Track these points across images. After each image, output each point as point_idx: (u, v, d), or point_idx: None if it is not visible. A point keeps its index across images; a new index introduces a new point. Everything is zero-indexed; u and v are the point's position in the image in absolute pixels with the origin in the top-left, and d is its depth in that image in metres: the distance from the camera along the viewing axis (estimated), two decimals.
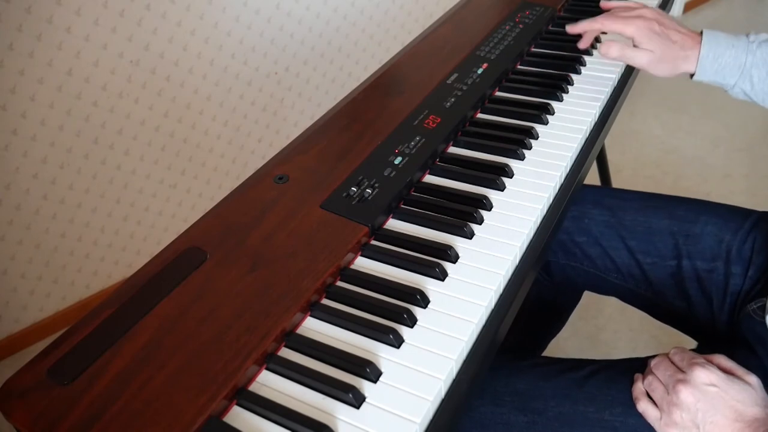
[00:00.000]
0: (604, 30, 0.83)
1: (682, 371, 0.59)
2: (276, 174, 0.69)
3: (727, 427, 0.55)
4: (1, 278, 1.40)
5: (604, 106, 0.83)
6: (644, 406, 0.61)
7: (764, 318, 0.67)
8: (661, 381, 0.60)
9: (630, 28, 0.79)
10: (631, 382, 0.64)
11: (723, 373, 0.58)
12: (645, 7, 0.81)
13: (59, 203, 1.40)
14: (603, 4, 0.89)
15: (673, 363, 0.62)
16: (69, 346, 0.52)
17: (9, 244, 1.37)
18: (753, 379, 0.59)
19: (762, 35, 0.77)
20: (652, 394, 0.61)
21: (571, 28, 0.86)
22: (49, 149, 1.33)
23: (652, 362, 0.63)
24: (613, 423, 0.62)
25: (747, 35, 0.77)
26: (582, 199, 0.87)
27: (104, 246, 1.53)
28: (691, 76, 0.80)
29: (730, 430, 0.55)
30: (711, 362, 0.60)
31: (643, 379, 0.63)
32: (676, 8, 2.79)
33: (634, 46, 0.80)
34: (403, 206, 0.67)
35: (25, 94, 1.24)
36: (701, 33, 0.78)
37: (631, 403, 0.63)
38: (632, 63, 0.81)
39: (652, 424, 0.60)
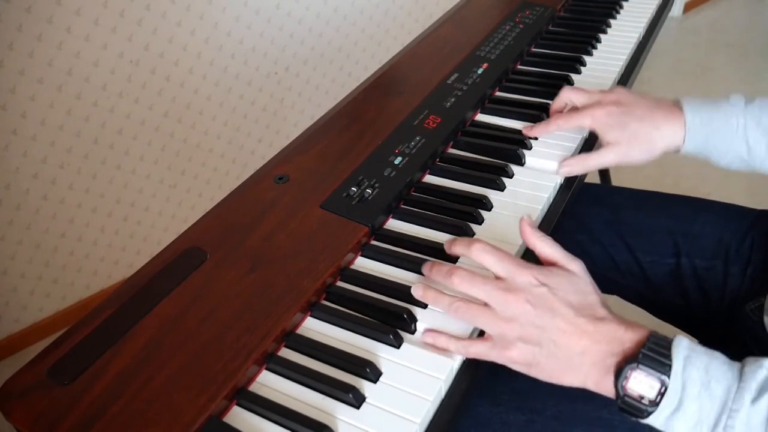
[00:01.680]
0: (561, 131, 0.75)
1: (497, 279, 0.52)
2: (276, 174, 0.69)
3: (570, 326, 0.49)
4: (1, 278, 1.40)
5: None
6: (468, 345, 0.52)
7: (761, 317, 0.67)
8: (470, 299, 0.52)
9: (587, 120, 0.71)
10: None
11: (543, 268, 0.53)
12: (601, 92, 0.73)
13: (59, 203, 1.40)
14: (552, 107, 0.78)
15: (469, 272, 0.53)
16: (69, 346, 0.52)
17: (9, 244, 1.37)
18: (576, 266, 0.54)
19: (739, 95, 0.69)
20: (473, 320, 0.53)
21: (528, 132, 0.76)
22: (49, 149, 1.33)
23: (451, 280, 0.53)
24: (612, 421, 0.62)
25: (727, 98, 0.69)
26: (582, 197, 0.87)
27: (104, 246, 1.53)
28: (676, 150, 0.70)
29: (575, 330, 0.49)
30: (518, 258, 0.54)
31: (446, 307, 0.54)
32: (676, 8, 2.79)
33: (600, 141, 0.72)
34: (403, 206, 0.67)
35: (25, 94, 1.25)
36: (675, 102, 0.69)
37: None
38: (600, 167, 0.72)
39: (486, 355, 0.52)
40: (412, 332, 0.54)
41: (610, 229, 0.84)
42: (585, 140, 0.77)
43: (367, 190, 0.66)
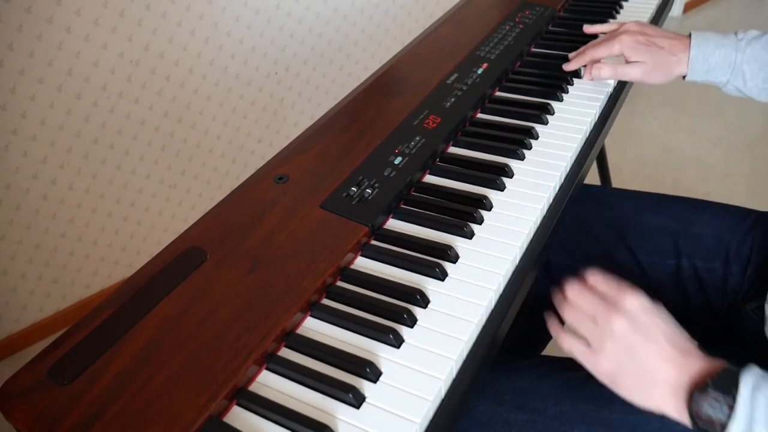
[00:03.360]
0: (595, 59, 0.84)
1: (609, 299, 0.57)
2: (276, 174, 0.69)
3: (661, 353, 0.53)
4: (1, 278, 1.40)
5: (604, 106, 0.83)
6: (570, 342, 0.57)
7: (762, 316, 0.67)
8: (586, 312, 0.57)
9: (616, 46, 0.81)
10: None
11: (649, 299, 0.57)
12: (628, 23, 0.84)
13: (59, 203, 1.40)
14: (586, 28, 0.91)
15: (595, 292, 0.58)
16: (69, 346, 0.52)
17: (9, 244, 1.37)
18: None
19: (750, 32, 0.78)
20: (578, 328, 0.57)
21: (567, 67, 0.87)
22: (49, 149, 1.33)
23: (570, 294, 0.59)
24: (613, 421, 0.62)
25: (735, 33, 0.78)
26: (582, 198, 0.87)
27: (104, 246, 1.53)
28: (684, 77, 0.81)
29: (664, 356, 0.53)
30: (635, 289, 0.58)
31: (564, 313, 0.59)
32: (676, 8, 2.79)
33: (626, 61, 0.82)
34: (403, 206, 0.67)
35: (25, 94, 1.24)
36: (689, 35, 0.79)
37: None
38: (626, 78, 0.83)
39: (580, 359, 0.57)
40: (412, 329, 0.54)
41: (610, 230, 0.84)
42: (585, 140, 0.77)
43: (367, 190, 0.66)
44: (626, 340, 0.54)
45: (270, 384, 0.51)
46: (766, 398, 0.47)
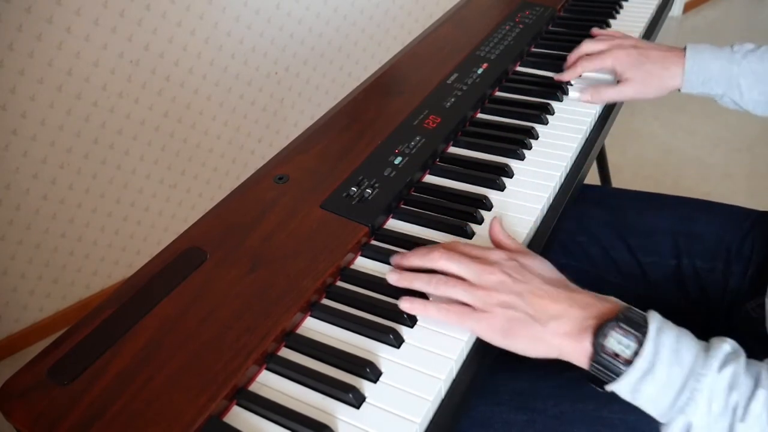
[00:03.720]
0: (586, 71, 0.84)
1: (474, 256, 0.54)
2: (276, 174, 0.69)
3: (546, 292, 0.52)
4: (1, 278, 1.40)
5: (604, 107, 0.83)
6: (445, 311, 0.53)
7: (762, 314, 0.67)
8: (454, 275, 0.54)
9: (608, 60, 0.80)
10: None
11: (512, 250, 0.57)
12: (622, 36, 0.84)
13: (59, 203, 1.40)
14: (593, 31, 0.91)
15: (448, 249, 0.55)
16: (69, 346, 0.52)
17: (9, 244, 1.37)
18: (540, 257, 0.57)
19: (746, 45, 0.77)
20: (451, 293, 0.53)
21: (559, 77, 0.85)
22: (49, 149, 1.33)
23: (411, 258, 0.56)
24: (612, 420, 0.62)
25: (731, 46, 0.77)
26: (583, 198, 0.87)
27: (104, 246, 1.53)
28: (679, 90, 0.80)
29: (551, 295, 0.52)
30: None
31: (424, 284, 0.55)
32: (676, 8, 2.79)
33: (618, 78, 0.81)
34: (403, 206, 0.67)
35: (25, 94, 1.25)
36: (684, 48, 0.78)
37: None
38: (620, 99, 0.82)
39: (463, 324, 0.53)
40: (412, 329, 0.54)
41: (610, 230, 0.84)
42: (586, 140, 0.77)
43: (367, 190, 0.66)
44: (507, 288, 0.52)
45: (270, 384, 0.51)
46: (670, 340, 0.48)
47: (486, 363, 0.55)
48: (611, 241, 0.83)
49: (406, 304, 0.54)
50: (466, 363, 0.53)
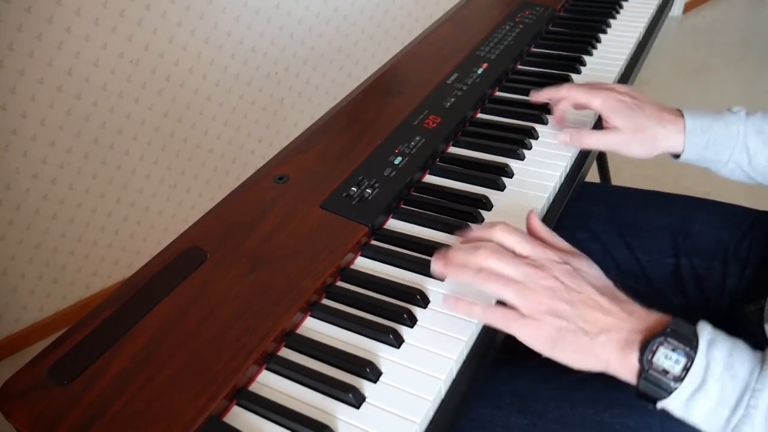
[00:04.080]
0: (569, 99, 0.74)
1: (530, 256, 0.51)
2: (276, 174, 0.69)
3: (595, 301, 0.50)
4: (1, 278, 1.40)
5: None
6: (492, 314, 0.51)
7: (761, 319, 0.67)
8: (508, 276, 0.51)
9: (597, 100, 0.70)
10: None
11: (563, 251, 0.53)
12: (617, 84, 0.74)
13: (59, 203, 1.40)
14: (533, 96, 0.78)
15: (496, 247, 0.52)
16: (69, 346, 0.52)
17: (9, 244, 1.37)
18: (586, 256, 0.55)
19: (742, 107, 0.70)
20: (502, 295, 0.51)
21: (535, 96, 0.77)
22: (49, 149, 1.33)
23: (476, 260, 0.51)
24: (613, 425, 0.62)
25: (728, 109, 0.70)
26: (583, 195, 0.87)
27: (104, 246, 1.53)
28: (676, 156, 0.72)
29: (602, 306, 0.49)
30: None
31: (478, 281, 0.52)
32: (676, 8, 2.79)
33: (604, 124, 0.72)
34: (403, 206, 0.67)
35: (25, 94, 1.25)
36: (678, 110, 0.70)
37: (631, 405, 0.62)
38: (601, 147, 0.72)
39: (512, 330, 0.51)
40: (412, 328, 0.54)
41: (610, 228, 0.84)
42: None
43: (367, 190, 0.66)
44: (559, 296, 0.50)
45: (270, 384, 0.51)
46: (722, 353, 0.45)
47: (486, 363, 0.55)
48: (611, 239, 0.83)
49: (452, 301, 0.53)
50: (466, 363, 0.53)
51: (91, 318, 0.54)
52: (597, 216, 0.85)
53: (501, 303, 0.52)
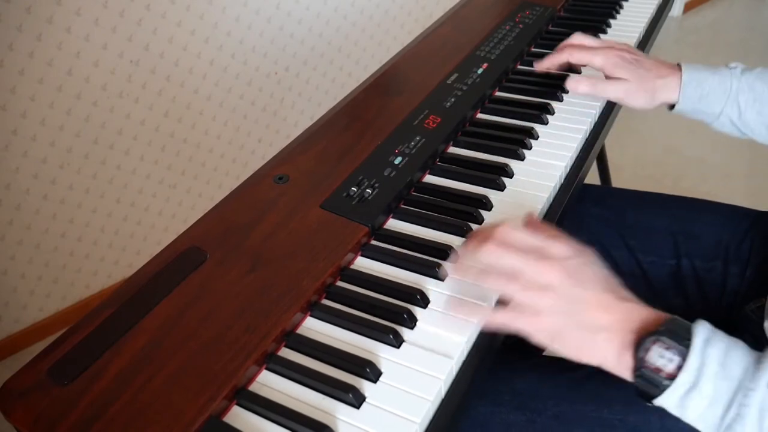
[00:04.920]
0: (571, 61, 0.78)
1: (531, 249, 0.52)
2: (276, 174, 0.69)
3: (600, 298, 0.50)
4: (1, 278, 1.40)
5: (605, 106, 0.83)
6: (494, 314, 0.52)
7: (762, 317, 0.67)
8: (507, 271, 0.52)
9: (598, 58, 0.75)
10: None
11: (571, 243, 0.53)
12: (615, 42, 0.78)
13: (59, 203, 1.40)
14: (537, 65, 0.84)
15: (502, 240, 0.53)
16: (69, 346, 0.52)
17: (9, 244, 1.37)
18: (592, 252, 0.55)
19: (740, 64, 0.74)
20: (504, 289, 0.52)
21: (539, 66, 0.81)
22: (49, 149, 1.33)
23: (481, 255, 0.52)
24: (612, 421, 0.62)
25: (726, 65, 0.74)
26: (583, 197, 0.87)
27: (104, 246, 1.53)
28: (672, 107, 0.76)
29: (604, 302, 0.50)
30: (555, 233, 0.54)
31: (479, 278, 0.53)
32: (676, 8, 2.79)
33: (606, 78, 0.76)
34: (403, 206, 0.67)
35: (25, 94, 1.25)
36: (678, 64, 0.75)
37: (630, 402, 0.62)
38: (606, 96, 0.77)
39: (511, 324, 0.51)
40: (412, 330, 0.54)
41: (610, 230, 0.84)
42: (586, 140, 0.77)
43: (367, 190, 0.66)
44: (563, 291, 0.50)
45: (270, 384, 0.51)
46: (718, 352, 0.45)
47: (486, 363, 0.55)
48: (611, 241, 0.83)
49: (455, 303, 0.55)
50: (466, 363, 0.53)
51: (91, 318, 0.54)
52: (597, 218, 0.85)
53: (503, 302, 0.53)
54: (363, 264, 0.61)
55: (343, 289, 0.58)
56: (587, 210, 0.86)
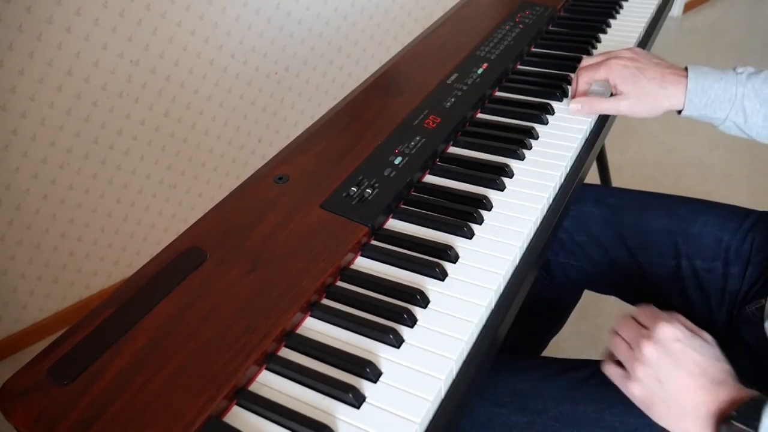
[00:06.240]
0: (581, 84, 0.80)
1: (646, 328, 0.59)
2: (276, 174, 0.69)
3: (691, 382, 0.54)
4: (1, 278, 1.40)
5: None
6: (607, 367, 0.60)
7: (762, 318, 0.67)
8: (624, 339, 0.60)
9: (602, 72, 0.77)
10: None
11: (685, 329, 0.58)
12: (621, 50, 0.79)
13: (59, 203, 1.40)
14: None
15: (637, 321, 0.60)
16: (69, 346, 0.52)
17: (9, 244, 1.37)
18: (709, 336, 0.59)
19: (749, 68, 0.74)
20: (616, 353, 0.60)
21: (573, 104, 0.81)
22: (49, 149, 1.33)
23: (617, 322, 0.62)
24: (613, 423, 0.62)
25: (734, 69, 0.74)
26: (582, 198, 0.87)
27: (104, 246, 1.53)
28: (679, 112, 0.76)
29: (694, 385, 0.54)
30: (674, 319, 0.59)
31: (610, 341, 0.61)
32: (676, 8, 2.79)
33: (613, 91, 0.78)
34: (403, 206, 0.67)
35: (25, 94, 1.24)
36: (686, 68, 0.75)
37: (631, 404, 0.62)
38: (612, 112, 0.79)
39: (617, 383, 0.59)
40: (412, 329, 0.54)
41: (610, 230, 0.84)
42: (586, 140, 0.77)
43: (367, 190, 0.66)
44: (655, 367, 0.55)
45: (270, 384, 0.51)
46: None
47: (486, 363, 0.55)
48: (611, 241, 0.83)
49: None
50: (466, 363, 0.53)
51: (91, 318, 0.54)
52: (596, 218, 0.85)
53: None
54: (363, 264, 0.61)
55: (343, 289, 0.58)
56: (587, 210, 0.86)
